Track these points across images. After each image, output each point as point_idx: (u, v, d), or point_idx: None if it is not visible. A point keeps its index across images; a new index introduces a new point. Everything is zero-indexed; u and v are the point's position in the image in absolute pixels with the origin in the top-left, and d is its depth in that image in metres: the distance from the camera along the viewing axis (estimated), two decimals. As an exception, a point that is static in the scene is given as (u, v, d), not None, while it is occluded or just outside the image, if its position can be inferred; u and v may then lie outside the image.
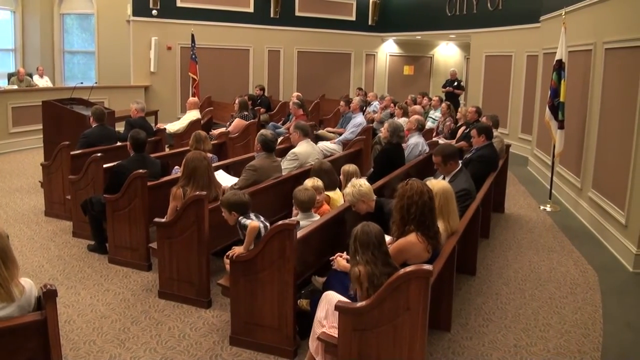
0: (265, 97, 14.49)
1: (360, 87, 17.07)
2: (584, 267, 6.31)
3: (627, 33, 6.77)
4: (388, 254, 3.72)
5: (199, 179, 5.20)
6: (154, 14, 14.46)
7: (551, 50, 9.54)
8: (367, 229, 3.65)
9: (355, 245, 3.60)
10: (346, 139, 9.80)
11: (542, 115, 9.62)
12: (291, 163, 6.93)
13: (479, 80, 15.50)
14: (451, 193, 4.62)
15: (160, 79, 14.81)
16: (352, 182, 5.18)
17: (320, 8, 17.41)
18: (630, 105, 6.48)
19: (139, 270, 5.78)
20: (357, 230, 3.65)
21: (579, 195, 8.36)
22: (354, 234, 3.64)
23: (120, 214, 5.81)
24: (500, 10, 14.62)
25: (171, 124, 10.55)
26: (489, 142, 7.36)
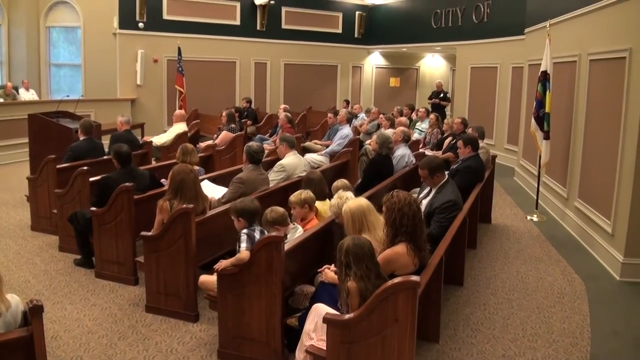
0: (252, 109, 14.50)
1: (347, 99, 17.13)
2: (571, 277, 6.33)
3: (611, 44, 6.85)
4: (378, 264, 3.72)
5: (186, 192, 5.17)
6: (140, 27, 14.46)
7: (536, 61, 9.62)
8: (358, 241, 3.65)
9: (348, 259, 3.58)
10: (333, 151, 9.81)
11: (527, 126, 9.68)
12: (278, 175, 6.94)
13: (464, 91, 15.60)
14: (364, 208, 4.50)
15: (146, 91, 14.78)
16: (339, 194, 5.20)
17: (307, 21, 17.49)
18: (615, 115, 6.54)
19: (126, 284, 5.73)
20: (347, 244, 3.62)
21: (566, 205, 8.41)
22: (345, 248, 3.61)
23: (106, 227, 5.77)
24: (485, 22, 14.76)
25: (158, 137, 10.52)
26: (475, 153, 7.40)
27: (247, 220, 4.54)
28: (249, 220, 4.54)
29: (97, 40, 14.65)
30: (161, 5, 14.78)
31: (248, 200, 4.68)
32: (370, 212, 4.45)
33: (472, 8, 15.17)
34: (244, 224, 4.54)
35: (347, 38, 18.50)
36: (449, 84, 19.50)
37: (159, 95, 15.02)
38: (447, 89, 17.47)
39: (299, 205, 5.22)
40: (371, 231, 4.35)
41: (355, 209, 4.41)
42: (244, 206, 4.58)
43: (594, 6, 7.37)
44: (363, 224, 4.37)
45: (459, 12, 15.79)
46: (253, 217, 4.57)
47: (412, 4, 17.69)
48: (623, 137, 6.32)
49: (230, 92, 16.26)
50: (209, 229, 5.36)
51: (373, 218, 4.45)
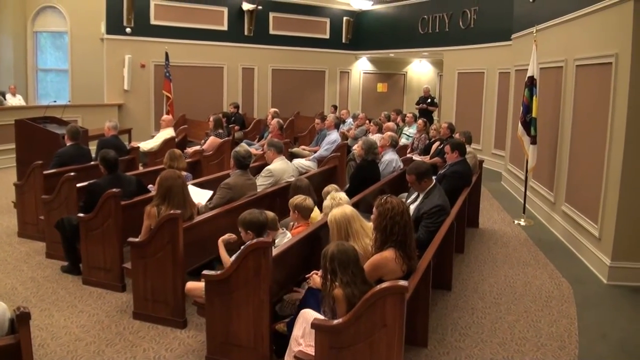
0: (239, 114, 14.48)
1: (335, 104, 17.15)
2: (559, 280, 6.36)
3: (597, 50, 6.90)
4: (364, 270, 3.73)
5: (174, 198, 5.14)
6: (127, 32, 14.41)
7: (523, 67, 9.67)
8: (343, 247, 3.64)
9: (333, 266, 3.58)
10: (321, 156, 9.81)
11: (514, 130, 9.73)
12: (266, 180, 6.92)
13: (452, 96, 15.66)
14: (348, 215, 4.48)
15: (133, 97, 14.72)
16: (332, 195, 5.21)
17: (294, 26, 17.50)
18: (601, 120, 6.59)
19: (113, 291, 5.70)
20: (332, 250, 3.62)
21: (553, 209, 8.45)
22: (330, 254, 3.61)
23: (93, 234, 5.73)
24: (472, 28, 14.84)
25: (145, 143, 10.47)
26: (462, 157, 7.44)
27: (256, 233, 4.40)
28: (258, 232, 4.41)
29: (85, 46, 14.62)
30: (148, 11, 14.74)
31: (257, 212, 4.54)
32: (355, 220, 4.42)
33: (459, 14, 15.25)
34: (253, 236, 4.38)
35: (335, 43, 18.53)
36: (436, 89, 19.57)
37: (146, 100, 14.97)
38: (434, 94, 17.52)
39: (290, 208, 5.20)
40: (356, 239, 4.33)
41: (340, 217, 4.38)
42: (252, 218, 4.46)
43: (580, 12, 7.43)
44: (348, 232, 4.35)
45: (446, 17, 15.87)
46: (262, 229, 4.46)
47: (400, 10, 17.77)
48: (609, 142, 6.37)
49: (218, 98, 16.22)
50: (197, 234, 5.33)
51: (358, 226, 4.42)
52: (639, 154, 6.00)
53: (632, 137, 5.99)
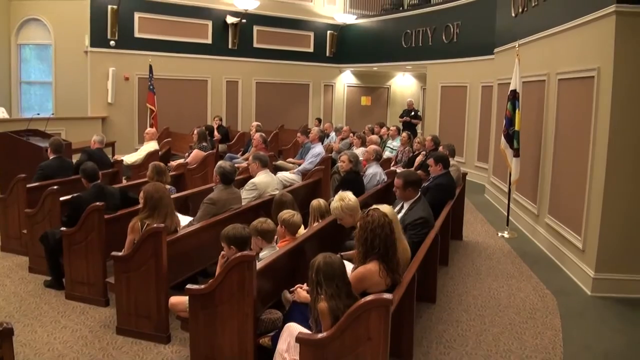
0: (223, 127, 14.47)
1: (319, 117, 17.19)
2: (543, 292, 6.38)
3: (579, 64, 6.98)
4: (350, 284, 3.72)
5: (161, 211, 5.13)
6: (111, 45, 14.38)
7: (505, 80, 9.76)
8: (329, 260, 3.63)
9: (318, 278, 3.58)
10: (305, 169, 9.81)
11: (497, 143, 9.80)
12: (250, 193, 6.92)
13: (435, 110, 15.76)
14: (396, 217, 4.64)
15: (117, 110, 14.66)
16: (340, 196, 5.26)
17: (278, 40, 17.55)
18: (584, 132, 6.66)
19: (97, 305, 5.63)
20: (319, 262, 3.62)
21: (536, 222, 8.50)
22: (316, 266, 3.61)
23: (76, 248, 5.67)
24: (455, 42, 14.98)
25: (128, 156, 10.44)
26: (446, 170, 7.47)
27: (238, 248, 4.35)
28: (241, 247, 4.36)
29: (69, 58, 14.53)
30: (133, 24, 14.73)
31: (240, 227, 4.48)
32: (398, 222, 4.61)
33: (442, 28, 15.40)
34: (235, 251, 4.32)
35: (319, 57, 18.61)
36: (420, 103, 19.68)
37: (130, 113, 14.91)
38: (418, 108, 17.61)
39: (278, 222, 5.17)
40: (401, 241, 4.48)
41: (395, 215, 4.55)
42: (235, 233, 4.40)
43: (562, 27, 7.52)
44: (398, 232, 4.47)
45: (429, 32, 16.00)
46: (245, 244, 4.41)
47: (383, 24, 17.91)
48: (592, 154, 6.43)
49: (202, 111, 16.21)
50: (181, 248, 5.30)
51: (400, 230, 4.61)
52: (621, 166, 6.07)
53: (614, 149, 6.05)
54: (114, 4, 14.18)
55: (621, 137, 6.04)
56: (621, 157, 6.07)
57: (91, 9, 14.06)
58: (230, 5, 16.17)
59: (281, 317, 4.26)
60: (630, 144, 6.04)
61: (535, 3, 8.75)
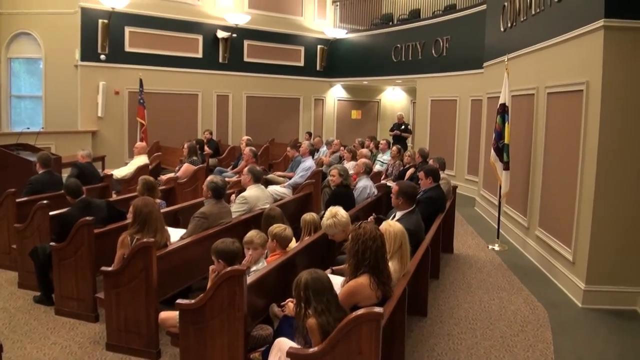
0: (213, 141, 14.46)
1: (310, 131, 17.22)
2: (534, 305, 6.39)
3: (568, 78, 7.03)
4: (337, 296, 3.71)
5: (152, 225, 5.11)
6: (102, 59, 14.36)
7: (495, 94, 9.82)
8: (316, 275, 3.62)
9: (307, 294, 3.56)
10: (296, 183, 9.80)
11: (487, 156, 9.83)
12: (240, 207, 6.91)
13: (425, 123, 15.83)
14: (406, 234, 4.66)
15: (107, 124, 14.61)
16: (332, 212, 5.27)
17: (269, 54, 17.60)
18: (573, 145, 6.71)
19: (86, 321, 5.58)
20: (305, 278, 3.60)
21: (527, 234, 8.53)
22: (303, 282, 3.59)
23: (66, 263, 5.62)
24: (444, 56, 15.08)
25: (118, 170, 10.40)
26: (436, 183, 7.48)
27: (226, 262, 4.33)
28: (229, 262, 4.33)
29: (59, 72, 14.50)
30: (123, 38, 14.73)
31: (229, 242, 4.47)
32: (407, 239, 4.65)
33: (432, 42, 15.50)
34: (224, 266, 4.31)
35: (309, 71, 18.67)
36: (410, 116, 19.78)
37: (120, 127, 14.87)
38: (408, 121, 17.70)
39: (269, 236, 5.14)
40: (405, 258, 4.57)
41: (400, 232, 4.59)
42: (224, 247, 4.39)
43: (551, 41, 7.58)
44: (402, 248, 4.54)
45: (418, 46, 16.10)
46: (233, 259, 4.37)
47: (373, 39, 18.00)
48: (582, 167, 6.47)
49: (192, 125, 16.20)
50: (171, 263, 5.28)
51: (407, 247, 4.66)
52: (610, 178, 6.12)
53: (603, 162, 6.10)
54: (104, 18, 14.18)
55: (610, 150, 6.09)
56: (610, 169, 6.11)
57: (82, 23, 14.06)
58: (221, 19, 16.23)
59: (272, 333, 4.23)
60: (619, 157, 6.09)
61: (524, 18, 8.82)
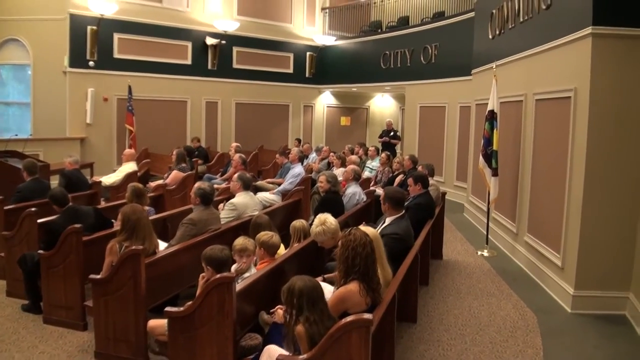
0: (202, 148, 14.43)
1: (299, 137, 17.22)
2: (523, 310, 6.40)
3: (556, 85, 7.08)
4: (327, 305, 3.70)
5: (140, 233, 5.08)
6: (90, 65, 14.31)
7: (483, 101, 9.86)
8: (311, 283, 3.60)
9: (300, 302, 3.53)
10: (285, 190, 9.79)
11: (476, 163, 9.87)
12: (229, 213, 6.90)
13: (414, 130, 15.87)
14: (380, 239, 4.65)
15: (96, 130, 14.55)
16: (321, 219, 5.26)
17: (258, 61, 17.61)
18: (561, 151, 6.75)
19: (75, 330, 5.53)
20: (299, 286, 3.57)
21: (515, 240, 8.55)
22: (297, 290, 3.56)
23: (54, 271, 5.58)
24: (433, 63, 15.14)
25: (107, 177, 10.36)
26: (425, 190, 7.50)
27: (215, 269, 4.32)
28: (217, 269, 4.31)
29: (47, 79, 14.41)
30: (112, 44, 14.69)
31: (218, 249, 4.45)
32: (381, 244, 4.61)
33: (421, 49, 15.56)
34: (212, 273, 4.31)
35: (298, 78, 18.69)
36: (399, 123, 19.85)
37: (109, 134, 14.81)
38: (397, 128, 17.75)
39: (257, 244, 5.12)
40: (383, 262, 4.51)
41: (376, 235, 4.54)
42: (212, 254, 4.37)
43: (539, 48, 7.62)
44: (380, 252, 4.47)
45: (407, 53, 16.16)
46: (222, 266, 4.34)
47: (362, 45, 18.06)
48: (570, 172, 6.51)
49: (181, 131, 16.17)
50: (159, 270, 5.25)
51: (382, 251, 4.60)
52: (599, 184, 6.16)
53: (591, 168, 6.14)
54: (93, 24, 14.15)
55: (598, 156, 6.13)
56: (598, 175, 6.15)
57: (70, 29, 14.01)
58: (210, 26, 16.24)
59: (261, 343, 4.21)
60: (607, 163, 6.13)
61: (512, 25, 8.88)
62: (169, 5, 15.62)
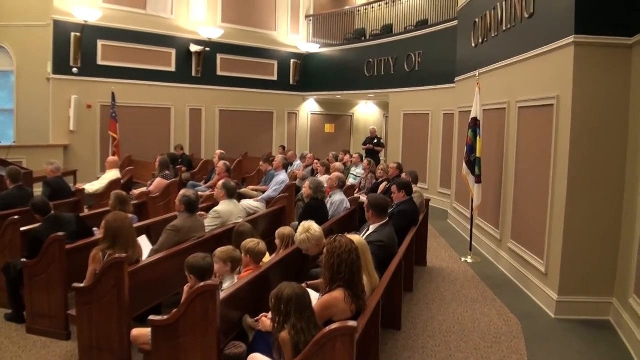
0: (186, 155, 14.37)
1: (283, 145, 17.22)
2: (507, 316, 6.43)
3: (539, 92, 7.15)
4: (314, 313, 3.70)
5: (122, 241, 5.05)
6: (74, 72, 14.23)
7: (466, 108, 9.92)
8: (300, 291, 3.60)
9: (288, 309, 3.53)
10: (269, 197, 9.78)
11: (459, 170, 9.92)
12: (213, 221, 6.88)
13: (398, 137, 15.93)
14: (366, 246, 4.66)
15: (79, 137, 14.45)
16: (305, 227, 5.26)
17: (242, 68, 17.60)
18: (544, 158, 6.81)
19: (58, 339, 5.47)
20: (288, 293, 3.56)
21: (499, 246, 8.60)
22: (286, 297, 3.56)
23: (37, 279, 5.53)
24: (417, 71, 15.23)
25: (90, 184, 10.28)
26: (409, 197, 7.52)
27: (197, 277, 4.30)
28: (200, 277, 4.30)
29: (31, 85, 14.31)
30: (96, 51, 14.62)
31: (200, 257, 4.44)
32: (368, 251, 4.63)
33: (404, 57, 15.64)
34: (195, 281, 4.29)
35: (283, 85, 18.70)
36: (383, 130, 19.90)
37: (92, 141, 14.72)
38: (380, 135, 17.81)
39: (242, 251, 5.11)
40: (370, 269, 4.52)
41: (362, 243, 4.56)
42: (194, 262, 4.36)
43: (522, 57, 7.69)
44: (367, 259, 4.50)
45: (391, 61, 16.24)
46: (203, 274, 4.33)
47: (346, 53, 18.12)
48: (553, 179, 6.57)
49: (165, 138, 16.11)
50: (143, 278, 5.22)
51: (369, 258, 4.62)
52: (581, 191, 6.22)
53: (574, 174, 6.20)
54: (77, 31, 14.07)
55: (581, 163, 6.20)
56: (581, 182, 6.21)
57: (54, 36, 13.92)
58: (194, 33, 16.22)
59: (246, 351, 4.20)
60: (590, 170, 6.20)
61: (495, 34, 8.95)
62: (153, 12, 15.58)
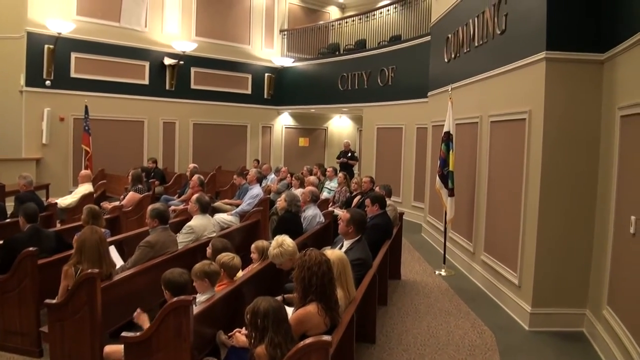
0: (159, 169, 14.29)
1: (257, 158, 17.20)
2: (481, 329, 6.47)
3: (511, 107, 7.25)
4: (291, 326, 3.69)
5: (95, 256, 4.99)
6: (47, 85, 14.10)
7: (439, 122, 10.01)
8: (277, 304, 3.58)
9: (265, 324, 3.50)
10: (243, 211, 9.76)
11: (433, 183, 9.99)
12: (187, 237, 6.83)
13: (371, 151, 16.01)
14: (347, 261, 4.68)
15: (52, 151, 14.30)
16: (278, 242, 5.26)
17: (216, 81, 17.61)
18: (516, 172, 6.90)
19: (30, 357, 5.39)
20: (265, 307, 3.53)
21: (472, 259, 8.67)
22: (263, 311, 3.53)
23: (9, 295, 5.44)
24: (390, 85, 15.35)
25: (62, 198, 10.17)
26: (382, 210, 7.56)
27: (172, 293, 4.25)
28: (175, 293, 4.23)
29: (3, 98, 14.12)
30: (69, 63, 14.52)
31: (177, 273, 4.38)
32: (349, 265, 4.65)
33: (378, 72, 15.77)
34: (170, 297, 4.23)
35: (257, 99, 18.73)
36: (357, 144, 19.99)
37: (65, 154, 14.57)
38: (354, 149, 17.88)
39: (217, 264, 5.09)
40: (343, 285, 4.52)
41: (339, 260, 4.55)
42: (171, 278, 4.31)
43: (494, 72, 7.80)
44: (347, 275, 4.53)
45: (364, 75, 16.36)
46: (179, 290, 4.26)
47: (320, 67, 18.22)
48: (525, 192, 6.66)
49: (138, 152, 16.02)
50: (116, 294, 5.17)
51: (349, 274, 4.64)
52: (553, 204, 6.31)
53: (546, 187, 6.30)
54: (50, 43, 13.96)
55: (552, 177, 6.29)
56: (553, 195, 6.31)
57: (27, 48, 13.81)
58: (168, 47, 16.21)
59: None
60: (561, 183, 6.29)
61: (467, 49, 9.07)
62: (127, 25, 15.53)
